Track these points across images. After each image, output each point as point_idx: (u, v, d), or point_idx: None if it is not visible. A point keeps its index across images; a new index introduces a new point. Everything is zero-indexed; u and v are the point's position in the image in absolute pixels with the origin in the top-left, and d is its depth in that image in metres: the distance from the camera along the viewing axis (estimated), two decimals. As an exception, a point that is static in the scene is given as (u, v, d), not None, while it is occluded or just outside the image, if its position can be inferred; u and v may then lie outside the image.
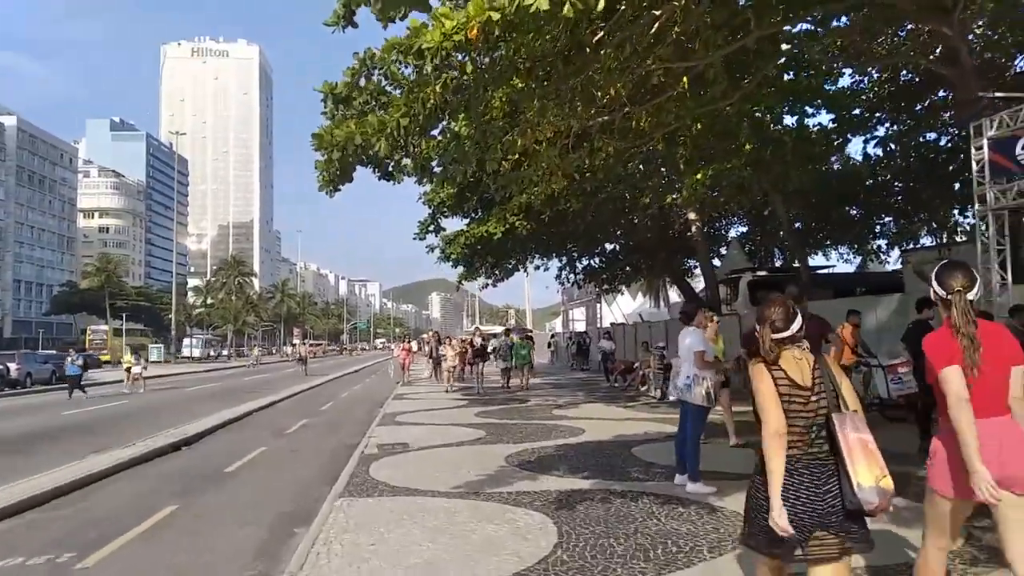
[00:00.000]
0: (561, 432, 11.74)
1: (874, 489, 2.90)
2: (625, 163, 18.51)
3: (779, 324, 3.15)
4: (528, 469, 8.51)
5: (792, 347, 3.16)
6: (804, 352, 3.17)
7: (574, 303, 50.39)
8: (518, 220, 22.32)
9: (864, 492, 2.89)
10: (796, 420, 3.03)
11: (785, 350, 3.14)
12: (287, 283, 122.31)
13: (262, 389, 25.62)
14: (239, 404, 19.04)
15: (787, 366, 3.10)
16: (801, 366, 3.11)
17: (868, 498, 2.90)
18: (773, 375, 3.08)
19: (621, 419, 13.68)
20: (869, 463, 2.94)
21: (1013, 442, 3.19)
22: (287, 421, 15.50)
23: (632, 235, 31.07)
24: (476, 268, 28.13)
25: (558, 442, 10.63)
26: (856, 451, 2.95)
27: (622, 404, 16.48)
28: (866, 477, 2.90)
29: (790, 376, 3.07)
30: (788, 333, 3.14)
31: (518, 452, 9.72)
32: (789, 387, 3.05)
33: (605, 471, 8.28)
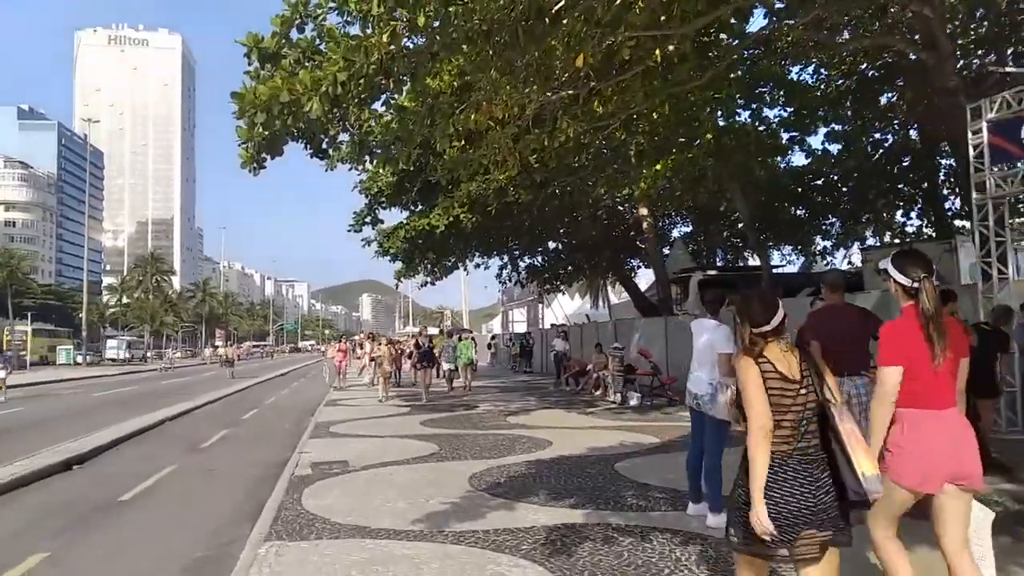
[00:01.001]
0: (525, 444, 10.24)
1: (877, 478, 2.87)
2: (583, 148, 17.28)
3: (760, 318, 3.05)
4: (500, 495, 6.97)
5: (777, 340, 3.06)
6: (789, 345, 3.08)
7: (514, 303, 49.07)
8: (463, 212, 20.83)
9: (869, 481, 2.86)
10: (787, 414, 2.95)
11: (770, 343, 3.04)
12: (209, 282, 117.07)
13: (179, 394, 23.25)
14: (150, 412, 16.86)
15: (774, 359, 3.01)
16: (788, 359, 3.03)
17: (873, 487, 2.88)
18: (761, 368, 2.98)
19: (586, 427, 12.28)
20: (866, 453, 2.92)
21: (964, 436, 3.29)
22: (204, 432, 13.53)
23: (576, 233, 30.04)
24: (416, 264, 26.54)
25: (526, 457, 9.13)
26: (852, 441, 2.91)
27: (581, 410, 15.10)
28: (868, 466, 2.87)
29: (778, 369, 2.98)
30: (769, 327, 3.04)
31: (483, 472, 8.17)
32: (778, 380, 2.96)
33: (594, 496, 6.82)
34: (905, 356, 3.28)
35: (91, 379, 36.36)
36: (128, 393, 25.14)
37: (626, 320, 26.48)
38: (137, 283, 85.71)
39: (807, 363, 3.05)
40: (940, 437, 3.25)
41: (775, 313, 3.06)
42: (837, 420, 2.95)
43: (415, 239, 22.13)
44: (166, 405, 18.79)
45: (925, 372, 3.26)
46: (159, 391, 26.01)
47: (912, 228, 25.30)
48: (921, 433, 3.27)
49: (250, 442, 12.36)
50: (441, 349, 23.55)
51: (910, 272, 3.34)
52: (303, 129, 10.84)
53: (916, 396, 3.32)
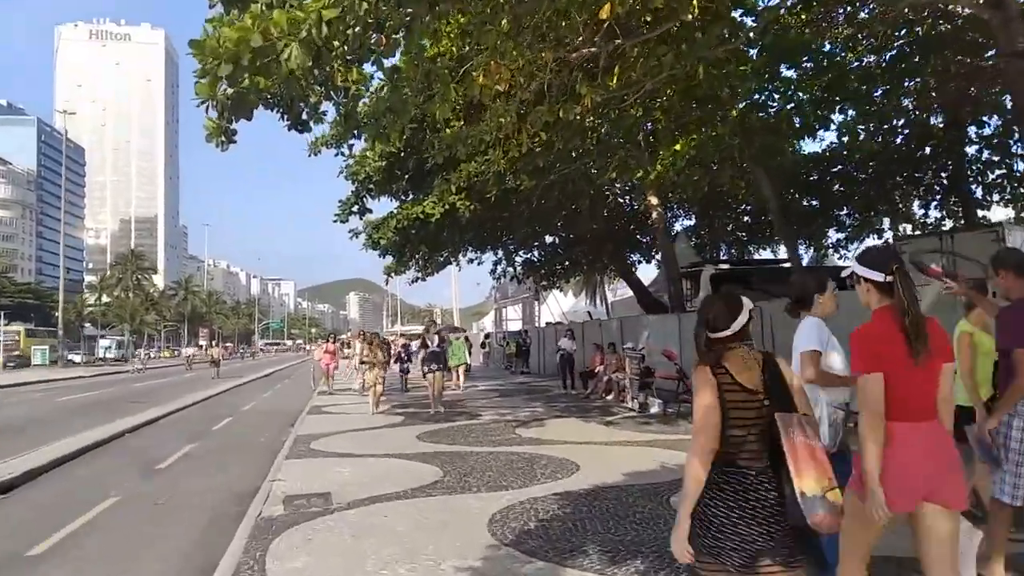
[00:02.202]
0: (547, 467, 8.43)
1: (819, 500, 2.50)
2: (594, 129, 15.56)
3: (719, 322, 2.75)
4: (536, 553, 5.13)
5: (739, 346, 2.74)
6: (753, 352, 2.76)
7: (508, 301, 47.23)
8: (460, 200, 19.04)
9: (808, 502, 2.49)
10: (751, 429, 2.64)
11: (731, 350, 2.72)
12: (191, 280, 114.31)
13: (150, 399, 21.30)
14: (112, 421, 14.96)
15: (734, 368, 2.69)
16: (750, 366, 2.71)
17: (811, 509, 2.49)
18: (718, 379, 2.67)
19: (612, 442, 10.49)
20: (817, 471, 2.53)
21: (943, 451, 3.01)
22: (165, 447, 11.63)
23: (575, 226, 28.35)
24: (407, 259, 24.76)
25: (553, 487, 7.32)
26: (803, 456, 2.54)
27: (598, 420, 13.31)
28: (811, 486, 2.51)
29: (738, 380, 2.67)
30: (730, 332, 2.74)
31: (505, 512, 6.34)
32: (738, 392, 2.65)
33: (666, 554, 4.98)
34: (882, 361, 2.96)
35: (63, 381, 34.23)
36: (94, 398, 23.13)
37: (632, 317, 24.72)
38: (117, 281, 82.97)
39: (769, 370, 2.74)
40: (914, 451, 2.95)
41: (738, 316, 2.77)
42: (782, 428, 2.59)
43: (407, 229, 20.29)
44: (132, 412, 16.87)
45: (902, 379, 2.96)
46: (130, 395, 23.98)
47: (932, 219, 23.77)
48: (893, 447, 2.95)
49: (216, 462, 10.44)
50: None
51: (883, 264, 3.08)
52: (278, 93, 8.92)
53: (895, 407, 2.97)
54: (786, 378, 2.76)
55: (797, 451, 2.56)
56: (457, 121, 15.02)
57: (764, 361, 2.75)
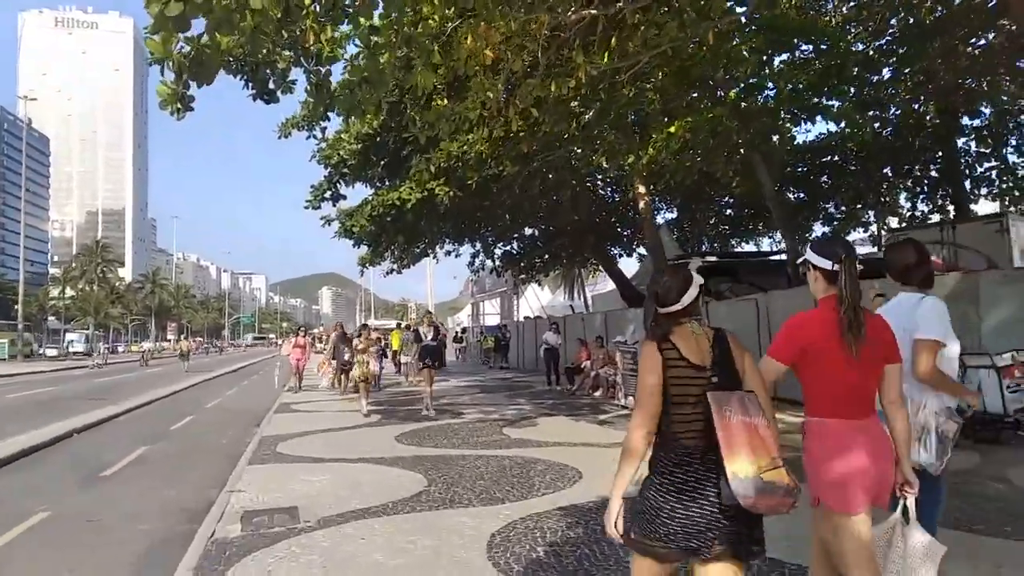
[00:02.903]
0: (544, 474, 7.46)
1: (752, 481, 2.38)
2: (584, 107, 14.64)
3: (669, 296, 2.70)
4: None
5: (689, 321, 2.69)
6: (704, 328, 2.71)
7: (485, 295, 46.19)
8: (439, 185, 17.99)
9: (738, 483, 2.39)
10: (696, 405, 2.56)
11: (680, 325, 2.68)
12: (158, 272, 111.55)
13: (108, 395, 20.00)
14: (61, 420, 13.74)
15: (681, 343, 2.65)
16: (699, 342, 2.66)
17: (742, 491, 2.38)
18: (664, 355, 2.63)
19: (610, 444, 9.52)
20: (754, 451, 2.43)
21: (885, 450, 2.90)
22: (115, 450, 10.46)
23: (555, 218, 27.46)
24: (382, 250, 23.68)
25: (555, 499, 6.34)
26: (737, 436, 2.45)
27: (590, 418, 12.38)
28: (743, 466, 2.41)
29: (684, 355, 2.62)
30: (679, 306, 2.68)
31: (504, 532, 5.36)
32: (684, 368, 2.60)
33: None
34: (801, 353, 2.91)
35: (21, 376, 32.51)
36: (49, 395, 21.71)
37: (616, 311, 23.86)
38: (81, 273, 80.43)
39: (719, 347, 2.66)
40: (862, 451, 2.82)
41: (688, 290, 2.68)
42: (714, 406, 2.48)
43: (383, 217, 19.18)
44: (86, 410, 15.64)
45: (834, 372, 2.86)
46: (88, 391, 22.61)
47: (919, 212, 23.24)
48: (838, 446, 2.84)
49: (169, 468, 9.32)
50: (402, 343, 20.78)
51: (832, 253, 2.98)
52: (243, 54, 7.94)
53: (832, 403, 2.89)
54: (735, 355, 2.68)
55: (731, 430, 2.46)
56: (440, 100, 13.97)
57: (715, 337, 2.68)
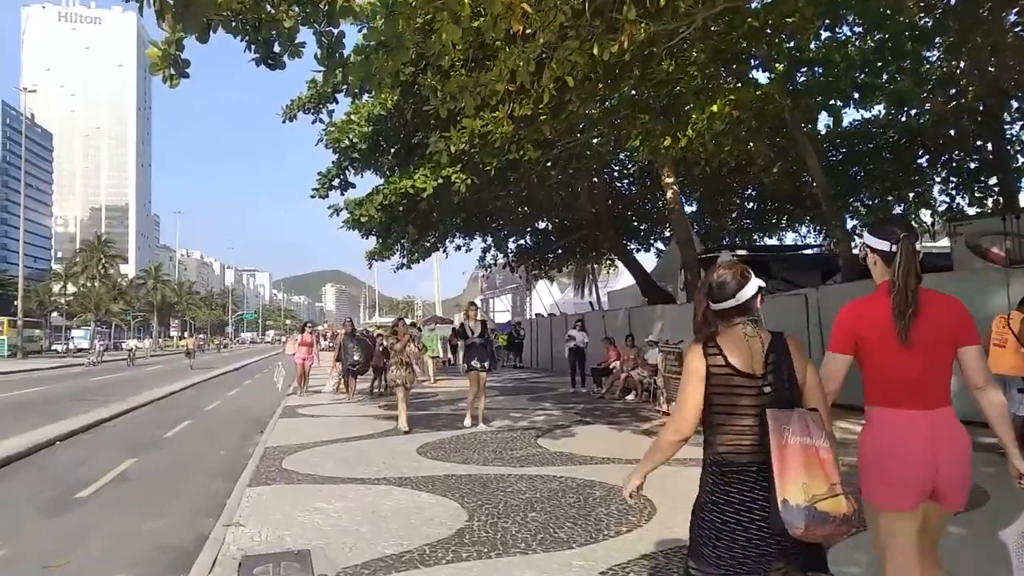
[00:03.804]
0: (606, 502, 6.13)
1: (804, 511, 2.20)
2: (622, 77, 13.33)
3: (724, 290, 2.48)
4: None
5: (743, 321, 2.47)
6: (758, 329, 2.47)
7: (495, 292, 44.87)
8: (455, 172, 16.69)
9: (789, 511, 2.21)
10: (744, 418, 2.37)
11: (732, 326, 2.47)
12: (160, 268, 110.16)
13: (101, 396, 18.74)
14: (47, 424, 12.50)
15: (729, 347, 2.44)
16: (751, 347, 2.43)
17: (792, 520, 2.21)
18: (708, 360, 2.43)
19: (671, 462, 8.21)
20: (811, 476, 2.24)
21: (949, 444, 2.63)
22: (97, 463, 9.18)
23: (570, 211, 26.22)
24: (392, 242, 22.41)
25: (636, 544, 4.99)
26: (793, 459, 2.25)
27: (633, 427, 11.06)
28: (796, 494, 2.22)
29: (730, 362, 2.42)
30: (734, 302, 2.46)
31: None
32: (730, 376, 2.40)
33: None
34: (856, 341, 2.74)
35: (15, 374, 31.25)
36: (40, 394, 20.43)
37: (640, 308, 22.53)
38: (83, 268, 79.20)
39: (775, 353, 2.42)
40: (912, 442, 2.61)
41: (745, 286, 2.47)
42: (772, 426, 2.29)
43: (395, 206, 17.84)
44: (74, 413, 14.40)
45: (892, 360, 2.66)
46: (80, 391, 21.34)
47: (957, 205, 21.90)
48: (888, 437, 2.66)
49: (156, 487, 8.00)
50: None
51: (888, 234, 2.80)
52: (244, 7, 6.72)
53: (884, 392, 2.71)
54: (795, 363, 2.44)
55: (787, 452, 2.27)
56: (461, 70, 12.67)
57: (771, 342, 2.45)
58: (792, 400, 2.39)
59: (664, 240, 30.77)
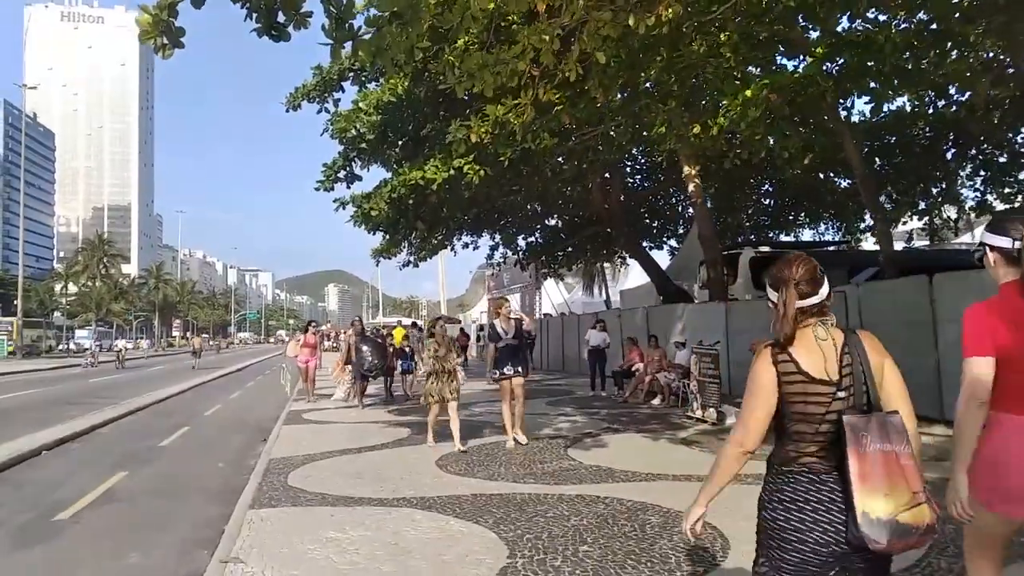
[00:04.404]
0: (667, 531, 5.23)
1: (886, 524, 2.06)
2: (653, 58, 12.49)
3: (804, 287, 2.29)
4: None
5: (816, 322, 2.29)
6: (831, 330, 2.29)
7: (503, 291, 43.94)
8: (467, 164, 15.83)
9: (869, 525, 2.07)
10: (820, 425, 2.22)
11: (806, 327, 2.28)
12: (162, 267, 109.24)
13: (96, 400, 17.89)
14: (35, 431, 11.65)
15: (801, 353, 2.25)
16: (824, 351, 2.25)
17: (873, 534, 2.07)
18: (778, 367, 2.25)
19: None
20: (893, 486, 2.10)
21: None
22: (81, 479, 8.31)
23: (583, 207, 25.34)
24: (400, 238, 21.54)
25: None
26: (873, 469, 2.11)
27: (669, 435, 10.15)
28: (877, 506, 2.08)
29: (802, 367, 2.23)
30: (816, 299, 2.30)
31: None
32: (803, 384, 2.22)
33: None
34: (996, 343, 2.57)
35: (13, 375, 30.35)
36: (34, 397, 19.58)
37: (660, 307, 21.64)
38: (84, 268, 78.36)
39: (850, 354, 2.25)
40: None
41: (824, 282, 2.31)
42: (849, 434, 2.14)
43: (404, 199, 16.95)
44: (67, 418, 13.57)
45: (1019, 363, 2.53)
46: (76, 394, 20.49)
47: (988, 200, 20.94)
48: (1006, 444, 2.56)
49: (146, 508, 7.10)
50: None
51: (1011, 230, 2.66)
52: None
53: (1009, 397, 2.58)
54: (872, 362, 2.27)
55: (866, 461, 2.12)
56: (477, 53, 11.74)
57: (845, 342, 2.28)
58: (870, 403, 2.24)
59: (678, 238, 29.88)
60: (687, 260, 25.51)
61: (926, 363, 10.61)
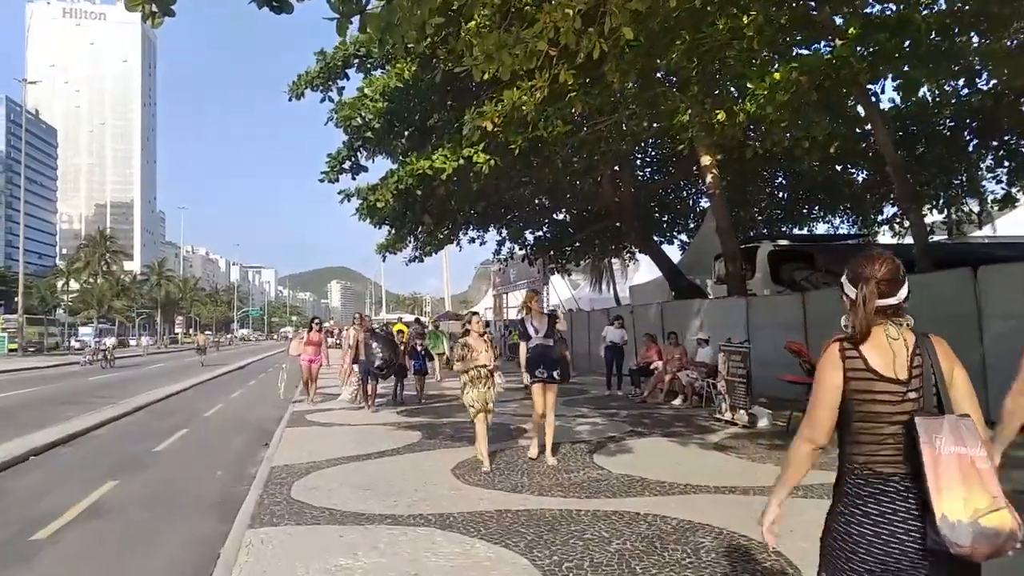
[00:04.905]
0: (726, 559, 4.57)
1: (967, 527, 1.98)
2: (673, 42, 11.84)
3: (884, 286, 2.24)
4: None
5: (890, 322, 2.24)
6: (904, 330, 2.24)
7: (509, 287, 43.19)
8: (476, 153, 15.18)
9: (950, 528, 1.98)
10: (888, 426, 2.17)
11: (879, 325, 2.23)
12: (164, 263, 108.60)
13: (93, 400, 17.27)
14: (26, 434, 11.05)
15: (871, 350, 2.21)
16: (895, 350, 2.21)
17: (954, 537, 1.99)
18: (845, 364, 2.21)
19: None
20: (970, 489, 2.02)
21: None
22: (71, 486, 7.67)
23: (593, 200, 24.66)
24: (406, 232, 20.92)
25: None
26: (949, 471, 2.04)
27: (699, 439, 9.47)
28: (956, 509, 2.00)
29: (871, 366, 2.19)
30: (895, 300, 2.25)
31: None
32: (871, 381, 2.18)
33: None
34: None
35: (12, 373, 29.79)
36: (30, 396, 18.95)
37: (675, 303, 20.98)
38: (85, 264, 77.76)
39: (921, 355, 2.21)
40: None
41: (905, 282, 2.26)
42: (922, 435, 2.07)
43: (411, 191, 16.27)
44: (62, 419, 12.98)
45: None
46: (74, 393, 19.86)
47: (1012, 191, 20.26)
48: None
49: (132, 528, 6.41)
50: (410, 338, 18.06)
51: None
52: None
53: None
54: (943, 366, 2.23)
55: (941, 464, 2.05)
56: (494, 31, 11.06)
57: (916, 343, 2.24)
58: (941, 406, 2.19)
59: (688, 232, 29.22)
60: (699, 255, 24.85)
61: (971, 359, 9.95)
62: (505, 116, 12.38)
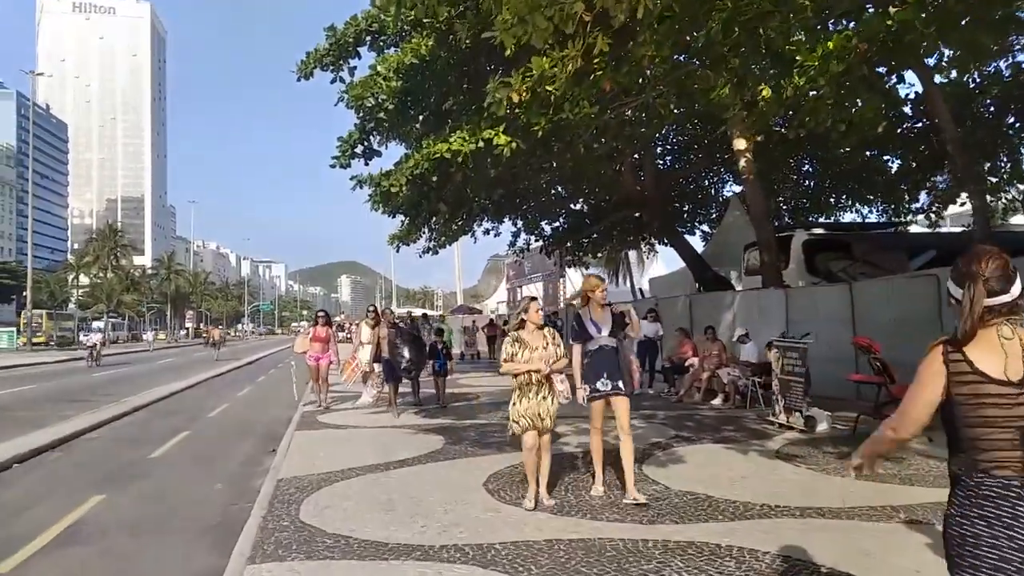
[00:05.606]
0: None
1: None
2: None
3: (994, 284, 2.10)
4: None
5: (1001, 322, 2.10)
6: (1018, 329, 2.09)
7: (524, 280, 42.24)
8: (498, 134, 14.12)
9: None
10: (1004, 431, 2.03)
11: (988, 326, 2.09)
12: (173, 257, 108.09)
13: (93, 398, 16.41)
14: (12, 438, 10.15)
15: (978, 353, 2.07)
16: (1008, 350, 2.06)
17: None
18: (949, 367, 2.08)
19: (890, 510, 5.59)
20: None
21: None
22: (51, 502, 6.73)
23: (615, 188, 23.63)
24: (420, 221, 19.91)
25: None
26: None
27: (756, 446, 8.45)
28: None
29: (979, 367, 2.05)
30: (1007, 298, 2.10)
31: None
32: (980, 384, 2.04)
33: None
34: None
35: (14, 368, 29.05)
36: (28, 394, 18.10)
37: (704, 295, 19.96)
38: (95, 259, 77.24)
39: None
40: None
41: (1016, 278, 2.11)
42: None
43: (427, 176, 15.24)
44: (56, 420, 12.11)
45: None
46: (75, 390, 19.00)
47: None
48: None
49: (113, 559, 5.43)
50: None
51: None
52: None
53: None
54: None
55: None
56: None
57: None
58: None
59: (711, 223, 28.16)
60: (723, 245, 23.83)
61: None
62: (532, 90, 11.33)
